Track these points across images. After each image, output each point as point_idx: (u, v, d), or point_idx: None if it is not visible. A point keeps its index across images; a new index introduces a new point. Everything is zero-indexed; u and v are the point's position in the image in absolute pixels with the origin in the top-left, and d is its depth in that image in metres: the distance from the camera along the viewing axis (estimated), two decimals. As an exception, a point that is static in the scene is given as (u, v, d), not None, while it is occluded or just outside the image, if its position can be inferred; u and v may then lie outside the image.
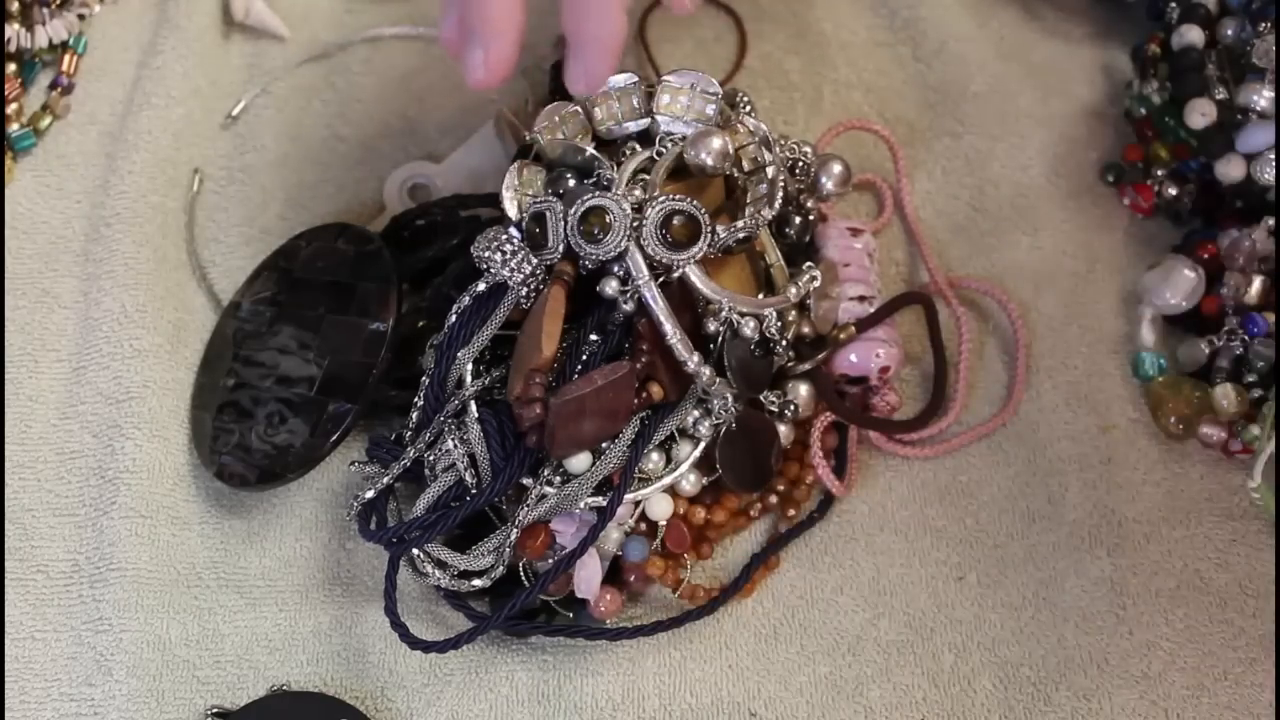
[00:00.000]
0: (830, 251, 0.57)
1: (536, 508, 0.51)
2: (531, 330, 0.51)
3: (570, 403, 0.48)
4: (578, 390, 0.48)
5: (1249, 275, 0.56)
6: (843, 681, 0.53)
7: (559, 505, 0.51)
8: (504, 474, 0.50)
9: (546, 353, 0.49)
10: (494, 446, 0.50)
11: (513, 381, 0.51)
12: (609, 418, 0.50)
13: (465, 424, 0.51)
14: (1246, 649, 0.52)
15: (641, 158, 0.52)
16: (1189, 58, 0.58)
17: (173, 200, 0.63)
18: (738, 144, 0.53)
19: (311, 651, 0.55)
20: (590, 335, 0.51)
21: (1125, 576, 0.54)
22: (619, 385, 0.49)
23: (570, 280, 0.51)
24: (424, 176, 0.63)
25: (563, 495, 0.51)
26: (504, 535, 0.51)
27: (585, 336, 0.51)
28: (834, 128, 0.64)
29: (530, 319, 0.51)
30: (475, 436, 0.51)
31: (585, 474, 0.51)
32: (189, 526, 0.57)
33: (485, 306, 0.52)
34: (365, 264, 0.58)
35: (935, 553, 0.55)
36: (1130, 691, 0.52)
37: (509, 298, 0.51)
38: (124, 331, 0.59)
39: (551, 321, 0.50)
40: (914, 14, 0.67)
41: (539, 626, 0.53)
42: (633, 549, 0.53)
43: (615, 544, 0.53)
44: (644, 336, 0.51)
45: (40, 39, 0.65)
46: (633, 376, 0.50)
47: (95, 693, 0.54)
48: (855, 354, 0.56)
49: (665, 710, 0.53)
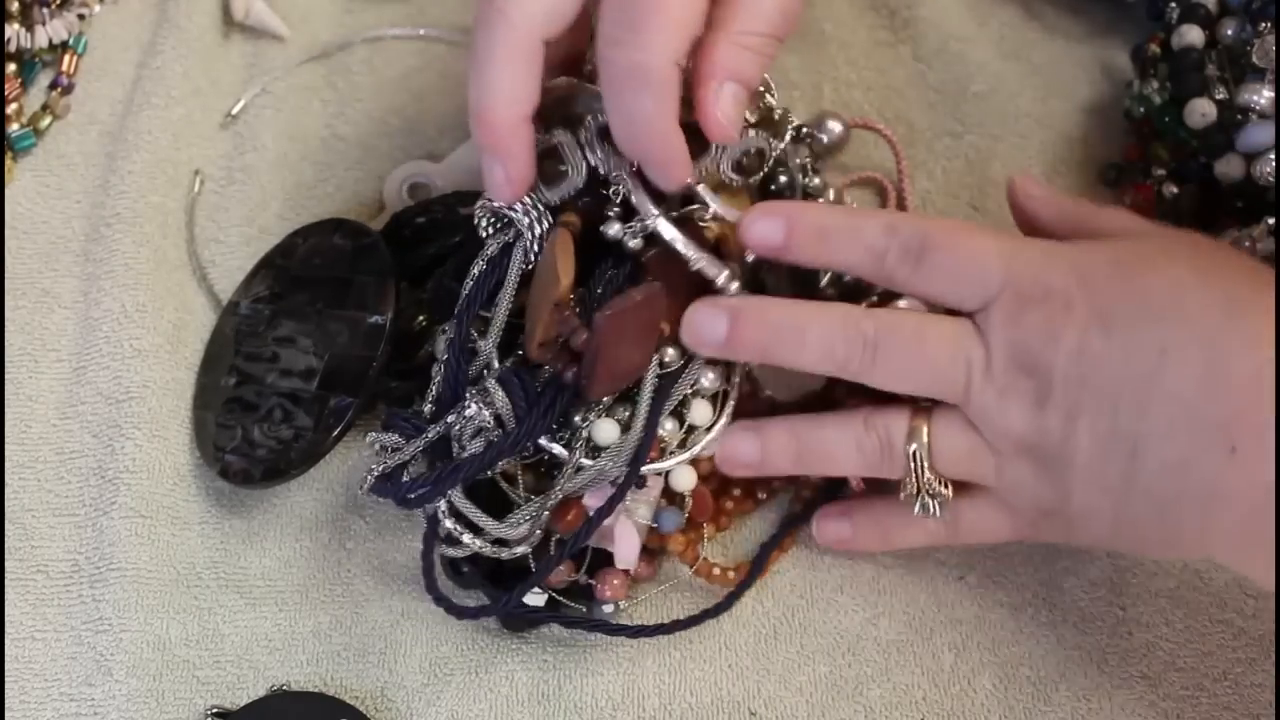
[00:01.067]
0: None
1: (575, 479, 0.51)
2: (544, 274, 0.50)
3: (615, 317, 0.47)
4: (620, 305, 0.48)
5: (1249, 275, 0.56)
6: (843, 681, 0.53)
7: (597, 477, 0.51)
8: (527, 422, 0.50)
9: (565, 282, 0.49)
10: (518, 403, 0.50)
11: (531, 328, 0.50)
12: (643, 344, 0.50)
13: (486, 388, 0.51)
14: (1246, 649, 0.52)
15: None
16: (1189, 58, 0.58)
17: (173, 200, 0.63)
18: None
19: (311, 651, 0.55)
20: (597, 289, 0.51)
21: (1125, 576, 0.54)
22: (653, 304, 0.49)
23: (575, 229, 0.51)
24: (424, 175, 0.63)
25: (600, 467, 0.50)
26: (540, 504, 0.51)
27: (592, 290, 0.51)
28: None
29: (539, 267, 0.51)
30: (499, 398, 0.50)
31: (619, 443, 0.51)
32: (189, 526, 0.57)
33: (499, 268, 0.52)
34: (362, 258, 0.58)
35: (935, 552, 0.55)
36: (1130, 691, 0.52)
37: (520, 246, 0.51)
38: (124, 331, 0.59)
39: (564, 257, 0.49)
40: (914, 14, 0.67)
41: (555, 617, 0.53)
42: (667, 520, 0.53)
43: (645, 517, 0.53)
44: (653, 270, 0.50)
45: (40, 39, 0.65)
46: (663, 298, 0.49)
47: (95, 693, 0.54)
48: None
49: (665, 710, 0.53)
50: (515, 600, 0.51)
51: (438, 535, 0.52)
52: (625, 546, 0.52)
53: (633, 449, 0.51)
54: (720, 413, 0.53)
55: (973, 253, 0.47)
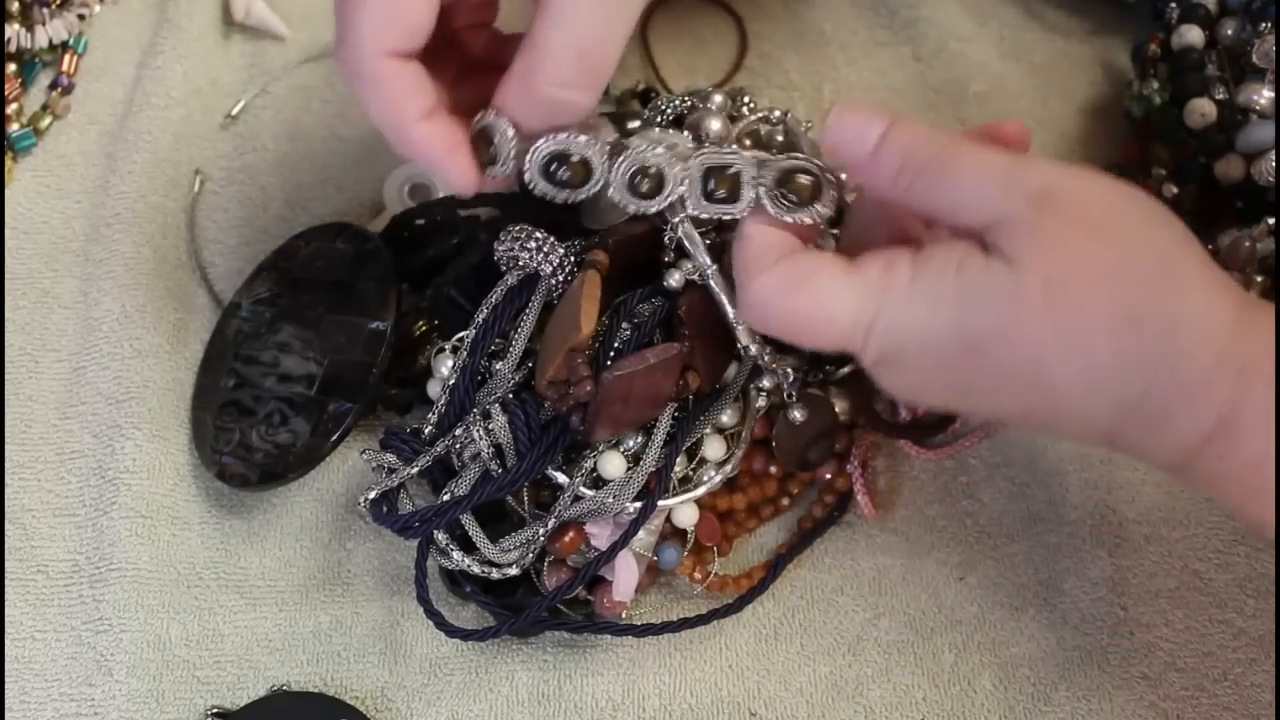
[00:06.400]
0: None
1: (571, 507, 0.50)
2: (566, 312, 0.50)
3: (623, 379, 0.48)
4: (630, 367, 0.48)
5: (1249, 275, 0.56)
6: (843, 681, 0.53)
7: (598, 509, 0.51)
8: (528, 459, 0.50)
9: (585, 330, 0.48)
10: (520, 438, 0.50)
11: (544, 364, 0.50)
12: (652, 401, 0.50)
13: (490, 414, 0.50)
14: (1246, 649, 0.52)
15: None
16: (1189, 58, 0.58)
17: (173, 200, 0.63)
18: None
19: (311, 651, 0.55)
20: (622, 324, 0.51)
21: (1125, 576, 0.54)
22: (668, 366, 0.49)
23: (603, 269, 0.51)
24: (424, 176, 0.63)
25: (602, 500, 0.50)
26: (535, 529, 0.51)
27: (617, 324, 0.50)
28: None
29: (563, 302, 0.51)
30: (500, 427, 0.50)
31: (625, 479, 0.50)
32: (189, 526, 0.57)
33: (518, 298, 0.52)
34: (364, 263, 0.58)
35: (936, 553, 0.55)
36: (1130, 691, 0.52)
37: (542, 285, 0.51)
38: (124, 331, 0.59)
39: (589, 302, 0.49)
40: (914, 14, 0.67)
41: (561, 623, 0.53)
42: (667, 556, 0.53)
43: (644, 547, 0.53)
44: (687, 321, 0.50)
45: (40, 39, 0.65)
46: (680, 360, 0.49)
47: (95, 693, 0.54)
48: None
49: (665, 710, 0.53)
50: (516, 627, 0.52)
51: (432, 545, 0.52)
52: (625, 578, 0.52)
53: (640, 484, 0.51)
54: (732, 451, 0.53)
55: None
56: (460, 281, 0.56)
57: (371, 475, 0.52)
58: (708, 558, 0.54)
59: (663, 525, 0.53)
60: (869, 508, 0.55)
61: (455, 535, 0.51)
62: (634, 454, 0.51)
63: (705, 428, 0.52)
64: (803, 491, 0.57)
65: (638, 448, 0.51)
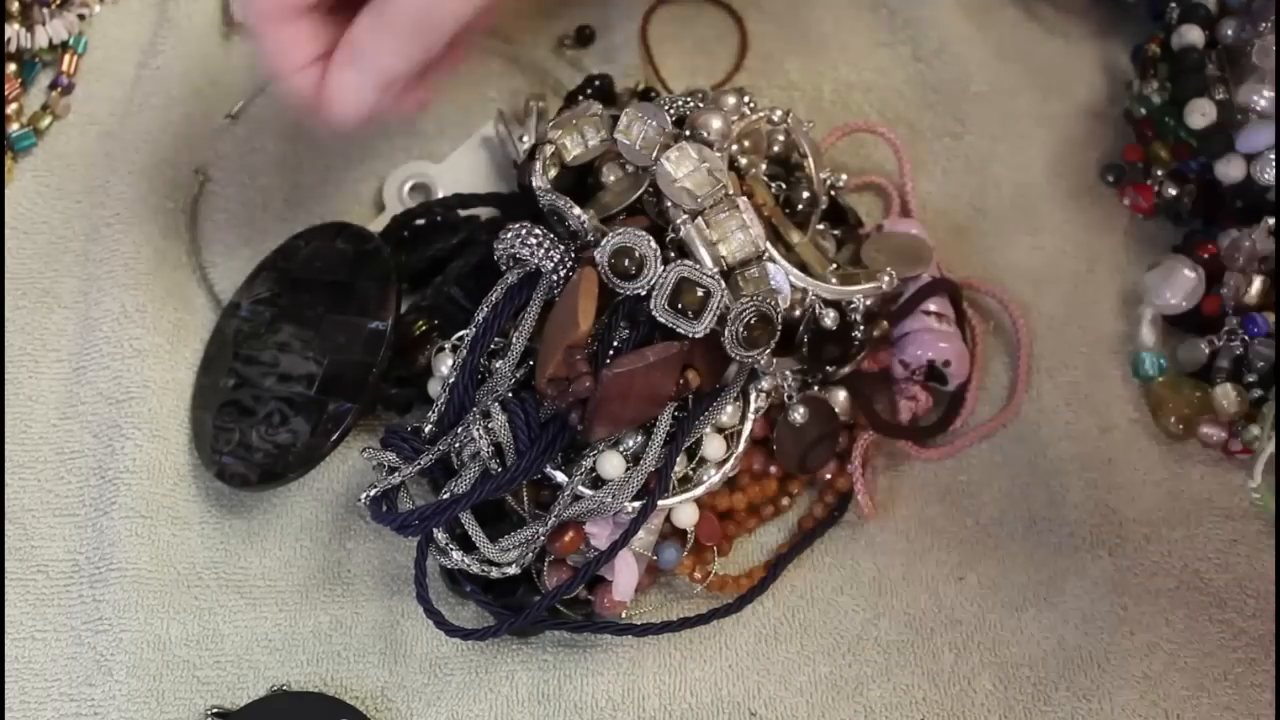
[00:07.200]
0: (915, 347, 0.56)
1: (571, 507, 0.51)
2: (564, 310, 0.50)
3: (622, 376, 0.48)
4: (630, 365, 0.48)
5: (1249, 275, 0.56)
6: (843, 681, 0.53)
7: (597, 509, 0.51)
8: (527, 458, 0.50)
9: (583, 327, 0.49)
10: (520, 436, 0.50)
11: (543, 362, 0.50)
12: (651, 400, 0.50)
13: (490, 413, 0.50)
14: (1246, 649, 0.52)
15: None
16: (1189, 58, 0.58)
17: (173, 200, 0.63)
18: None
19: (311, 651, 0.55)
20: (621, 323, 0.51)
21: (1125, 576, 0.54)
22: (668, 365, 0.49)
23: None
24: (424, 176, 0.63)
25: (601, 500, 0.50)
26: (534, 529, 0.51)
27: (616, 323, 0.50)
28: (837, 130, 0.64)
29: (562, 300, 0.51)
30: (500, 426, 0.50)
31: (625, 479, 0.50)
32: (189, 526, 0.57)
33: (518, 297, 0.52)
34: (364, 263, 0.58)
35: (936, 553, 0.55)
36: (1130, 691, 0.52)
37: (543, 283, 0.51)
38: (124, 331, 0.59)
39: (586, 299, 0.49)
40: (914, 14, 0.67)
41: (561, 623, 0.53)
42: (666, 555, 0.53)
43: (644, 546, 0.53)
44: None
45: (40, 39, 0.65)
46: (680, 359, 0.49)
47: (95, 693, 0.54)
48: (920, 347, 0.56)
49: (665, 710, 0.53)
50: (516, 627, 0.51)
51: (432, 544, 0.52)
52: (624, 578, 0.52)
53: (639, 484, 0.51)
54: (732, 451, 0.53)
55: None
56: (460, 281, 0.56)
57: (371, 474, 0.52)
58: (708, 557, 0.54)
59: (662, 525, 0.53)
60: (869, 508, 0.55)
61: (455, 534, 0.51)
62: (633, 453, 0.51)
63: (705, 427, 0.52)
64: (803, 491, 0.57)
65: (637, 447, 0.51)
